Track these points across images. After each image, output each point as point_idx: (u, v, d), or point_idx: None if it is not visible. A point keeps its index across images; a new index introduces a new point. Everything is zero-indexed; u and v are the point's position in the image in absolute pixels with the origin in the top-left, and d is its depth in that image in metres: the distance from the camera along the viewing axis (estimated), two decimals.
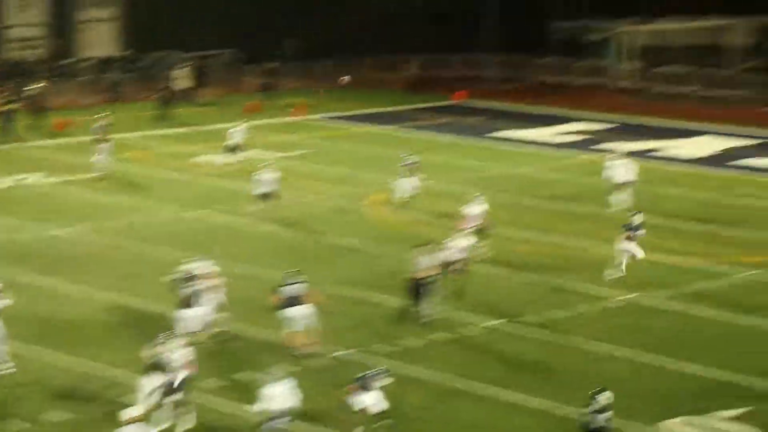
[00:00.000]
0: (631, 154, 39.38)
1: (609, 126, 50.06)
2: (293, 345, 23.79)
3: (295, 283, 23.88)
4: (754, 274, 29.62)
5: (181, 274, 24.94)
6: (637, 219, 29.38)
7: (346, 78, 57.56)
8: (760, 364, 23.94)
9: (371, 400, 20.16)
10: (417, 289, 25.82)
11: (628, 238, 29.00)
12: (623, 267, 28.92)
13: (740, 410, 21.62)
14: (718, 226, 34.08)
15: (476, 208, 30.86)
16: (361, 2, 63.55)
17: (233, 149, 41.30)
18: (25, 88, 49.60)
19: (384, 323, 25.93)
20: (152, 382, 20.51)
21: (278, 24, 60.93)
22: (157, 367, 20.67)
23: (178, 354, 20.83)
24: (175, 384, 20.58)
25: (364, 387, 20.16)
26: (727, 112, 53.36)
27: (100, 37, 60.37)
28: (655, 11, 63.89)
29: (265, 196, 34.53)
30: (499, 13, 64.21)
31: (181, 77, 55.20)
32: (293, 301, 23.76)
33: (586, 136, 48.00)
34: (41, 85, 50.36)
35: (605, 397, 19.22)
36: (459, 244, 27.63)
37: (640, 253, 28.95)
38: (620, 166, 36.20)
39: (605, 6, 65.09)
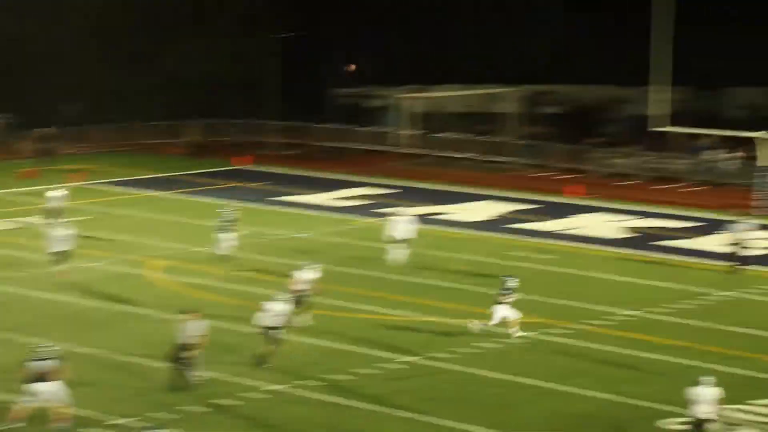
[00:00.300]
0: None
1: (390, 191, 50.76)
2: (18, 418, 23.16)
3: (45, 357, 23.28)
4: (530, 336, 30.28)
5: None
6: (511, 282, 30.05)
7: (353, 67, 57.75)
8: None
9: None
10: (180, 354, 25.59)
11: (501, 302, 29.73)
12: (492, 324, 29.71)
13: None
14: (495, 287, 34.71)
15: (306, 275, 30.68)
16: (143, 67, 63.08)
17: (53, 214, 40.66)
18: None
19: (163, 390, 25.54)
20: None
21: (56, 88, 59.97)
22: None
23: None
24: None
25: None
26: (503, 177, 54.84)
27: None
28: (433, 79, 65.44)
29: (59, 255, 33.97)
30: (280, 79, 64.63)
31: None
32: (40, 376, 23.11)
33: (368, 201, 48.55)
34: None
35: None
36: (275, 308, 27.45)
37: (514, 315, 29.70)
38: (401, 223, 37.46)
39: (385, 73, 66.38)
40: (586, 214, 46.42)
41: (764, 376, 27.14)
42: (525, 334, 30.08)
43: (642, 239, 42.21)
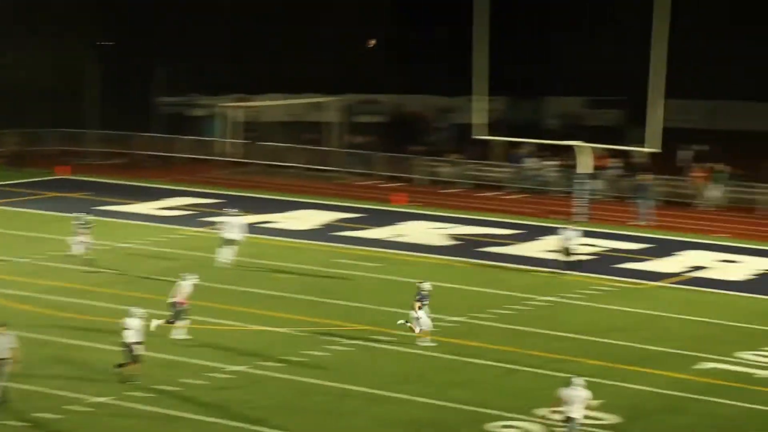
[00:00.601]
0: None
1: (214, 200, 50.38)
2: None
3: None
4: (358, 343, 30.38)
5: None
6: (426, 287, 30.26)
7: (373, 41, 56.93)
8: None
9: None
10: None
11: (419, 307, 29.90)
12: (429, 334, 29.92)
13: None
14: (321, 295, 34.85)
15: (186, 287, 30.38)
16: None
17: None
18: None
19: None
20: None
21: None
22: None
23: None
24: None
25: None
26: (329, 185, 54.98)
27: None
28: (257, 88, 65.32)
29: None
30: (101, 87, 63.63)
31: None
32: None
33: (193, 210, 48.10)
34: None
35: None
36: (133, 324, 26.75)
37: (426, 323, 29.87)
38: (232, 224, 38.10)
39: (208, 82, 65.98)
40: (411, 222, 46.80)
41: (586, 378, 27.66)
42: (357, 341, 30.18)
43: (466, 246, 42.75)
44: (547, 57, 71.96)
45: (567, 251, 38.07)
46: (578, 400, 23.09)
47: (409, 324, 30.17)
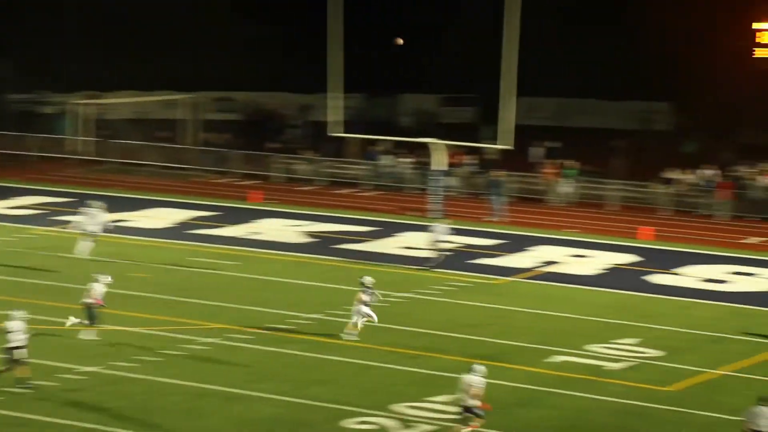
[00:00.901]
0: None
1: (66, 199, 49.63)
2: None
3: None
4: (215, 342, 30.25)
5: None
6: (368, 280, 30.51)
7: (400, 41, 56.04)
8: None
9: None
10: None
11: (363, 302, 30.15)
12: (358, 328, 30.18)
13: None
14: (177, 294, 34.57)
15: (99, 287, 29.93)
16: None
17: None
18: None
19: None
20: None
21: None
22: None
23: None
24: None
25: None
26: (184, 183, 54.59)
27: None
28: (108, 85, 64.51)
29: None
30: None
31: None
32: None
33: (43, 210, 47.32)
34: None
35: None
36: (14, 327, 26.03)
37: (361, 320, 30.33)
38: (91, 216, 38.33)
39: (58, 79, 64.94)
40: (268, 220, 46.73)
41: (442, 374, 28.01)
42: (213, 340, 30.03)
43: (322, 243, 42.84)
44: (403, 54, 72.57)
45: (435, 248, 38.55)
46: (473, 387, 23.59)
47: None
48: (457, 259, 40.25)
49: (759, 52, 72.88)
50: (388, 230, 45.07)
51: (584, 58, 68.04)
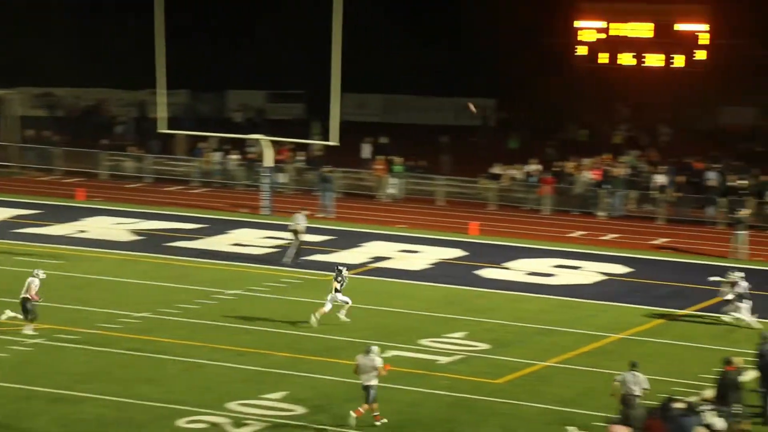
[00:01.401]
0: None
1: None
2: None
3: None
4: (40, 342, 29.64)
5: None
6: (343, 270, 31.44)
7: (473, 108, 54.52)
8: None
9: None
10: None
11: (336, 290, 31.37)
12: (317, 316, 31.43)
13: None
14: (3, 295, 33.70)
15: (35, 283, 29.95)
16: None
17: None
18: None
19: None
20: None
21: None
22: None
23: None
24: None
25: None
26: (6, 181, 53.42)
27: None
28: None
29: None
30: None
31: None
32: None
33: None
34: None
35: None
36: None
37: (329, 307, 31.46)
38: None
39: None
40: (95, 218, 45.98)
41: (273, 370, 27.97)
42: (38, 340, 29.47)
43: (151, 241, 42.33)
44: (231, 50, 72.21)
45: (297, 240, 38.98)
46: (372, 366, 24.41)
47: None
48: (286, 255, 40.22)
49: (580, 50, 74.79)
50: (218, 227, 44.77)
51: (408, 55, 68.62)
